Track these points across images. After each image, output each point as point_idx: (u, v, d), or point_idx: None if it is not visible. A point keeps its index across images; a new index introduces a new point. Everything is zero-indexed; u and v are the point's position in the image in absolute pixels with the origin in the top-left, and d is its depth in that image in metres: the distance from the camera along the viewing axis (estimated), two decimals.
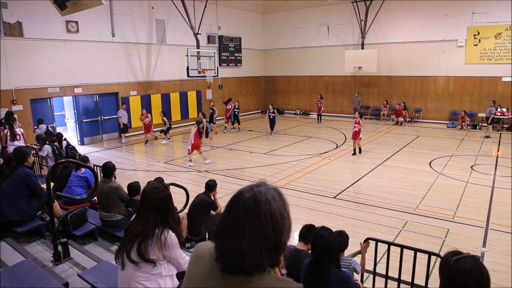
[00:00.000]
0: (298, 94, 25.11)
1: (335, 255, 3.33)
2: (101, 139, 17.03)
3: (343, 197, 9.03)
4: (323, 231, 3.35)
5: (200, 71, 18.05)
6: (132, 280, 2.79)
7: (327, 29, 22.96)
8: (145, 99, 18.46)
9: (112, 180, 6.01)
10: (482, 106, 18.72)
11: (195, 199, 6.32)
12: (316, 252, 3.33)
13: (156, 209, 2.83)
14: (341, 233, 4.15)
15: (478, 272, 1.84)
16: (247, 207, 1.29)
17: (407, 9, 20.11)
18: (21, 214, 5.16)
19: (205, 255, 1.42)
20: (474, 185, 9.76)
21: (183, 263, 2.94)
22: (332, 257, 3.30)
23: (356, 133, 12.95)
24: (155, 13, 18.46)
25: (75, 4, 6.49)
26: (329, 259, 3.27)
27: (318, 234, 3.33)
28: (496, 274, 5.41)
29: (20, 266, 3.89)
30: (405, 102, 20.67)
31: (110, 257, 4.67)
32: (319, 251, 3.30)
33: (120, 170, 11.07)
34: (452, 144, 14.93)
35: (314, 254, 3.37)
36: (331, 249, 3.28)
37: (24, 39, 13.71)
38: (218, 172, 11.39)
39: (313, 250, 3.39)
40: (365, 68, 20.65)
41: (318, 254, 3.31)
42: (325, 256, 3.26)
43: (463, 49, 18.88)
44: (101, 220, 5.87)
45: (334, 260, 3.32)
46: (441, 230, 7.05)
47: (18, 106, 13.71)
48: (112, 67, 16.84)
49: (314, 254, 3.36)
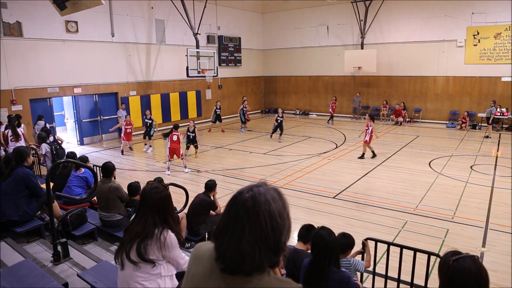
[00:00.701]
0: (298, 94, 25.12)
1: (334, 255, 3.33)
2: (101, 139, 17.03)
3: (342, 197, 9.03)
4: (322, 231, 3.35)
5: (199, 71, 18.06)
6: (131, 280, 2.78)
7: (326, 29, 22.97)
8: (145, 99, 18.45)
9: (111, 180, 6.01)
10: (481, 106, 18.74)
11: (195, 199, 6.32)
12: (316, 252, 3.33)
13: (155, 209, 2.82)
14: (344, 235, 4.07)
15: (477, 272, 1.84)
16: (247, 207, 1.29)
17: (406, 9, 20.12)
18: (21, 214, 5.16)
19: (205, 255, 1.42)
20: (474, 185, 9.77)
21: (183, 263, 2.94)
22: (332, 257, 3.29)
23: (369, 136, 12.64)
24: (155, 13, 18.45)
25: (74, 4, 6.48)
26: (329, 259, 3.27)
27: (318, 234, 3.32)
28: (495, 274, 5.42)
29: (19, 266, 3.88)
30: (405, 102, 20.69)
31: (110, 257, 4.66)
32: (319, 251, 3.29)
33: (119, 170, 11.07)
34: (451, 144, 14.94)
35: (313, 254, 3.37)
36: (331, 249, 3.27)
37: (24, 39, 13.70)
38: (218, 172, 11.39)
39: (313, 250, 3.38)
40: (365, 68, 20.66)
41: (317, 254, 3.31)
42: (325, 256, 3.26)
43: (463, 49, 18.89)
44: (101, 220, 5.87)
45: (333, 260, 3.32)
46: (441, 230, 7.05)
47: (18, 106, 13.70)
48: (111, 67, 16.84)
49: (314, 254, 3.36)
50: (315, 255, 3.34)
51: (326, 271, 3.25)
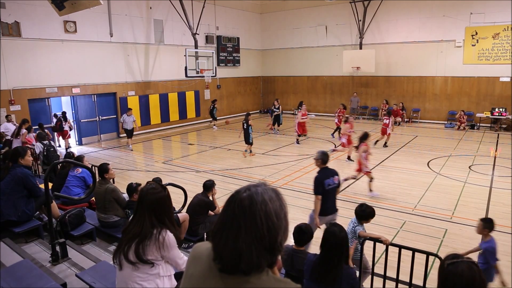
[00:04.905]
0: (296, 94, 25.12)
1: (344, 251, 3.35)
2: (99, 139, 17.01)
3: (341, 197, 9.01)
4: (334, 228, 3.39)
5: (198, 71, 18.06)
6: (130, 281, 2.78)
7: (325, 29, 22.98)
8: (143, 99, 18.44)
9: (109, 181, 6.00)
10: (480, 106, 18.79)
11: (193, 200, 6.32)
12: (326, 247, 3.34)
13: (151, 210, 2.81)
14: (361, 206, 4.89)
15: (469, 277, 1.85)
16: (243, 206, 1.29)
17: (405, 9, 20.14)
18: (19, 214, 5.16)
19: (203, 255, 1.42)
20: (472, 185, 9.79)
21: (181, 263, 2.94)
22: (342, 253, 3.31)
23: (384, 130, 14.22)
24: (153, 13, 18.44)
25: (73, 4, 6.47)
26: (339, 255, 3.28)
27: (329, 231, 3.37)
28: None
29: (18, 267, 3.88)
30: (403, 102, 20.71)
31: (108, 257, 4.66)
32: (329, 247, 3.31)
33: (118, 170, 11.06)
34: (450, 144, 14.96)
35: (323, 250, 3.38)
36: (341, 245, 3.30)
37: (22, 39, 13.68)
38: (216, 172, 11.39)
39: (323, 246, 3.40)
40: (363, 68, 20.68)
41: (327, 250, 3.32)
42: (335, 252, 3.29)
43: (461, 49, 18.92)
44: (99, 221, 5.86)
45: (344, 257, 3.33)
46: (439, 230, 7.06)
47: (16, 106, 13.68)
48: (110, 67, 16.82)
49: (324, 250, 3.37)
50: (325, 251, 3.35)
51: (337, 267, 3.26)
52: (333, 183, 5.67)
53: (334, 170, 5.81)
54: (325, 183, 5.59)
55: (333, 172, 5.76)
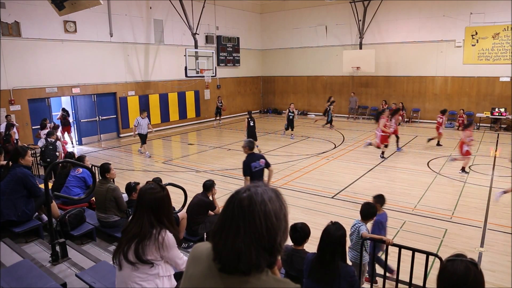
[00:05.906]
0: (296, 94, 25.12)
1: (339, 249, 3.38)
2: (99, 139, 17.01)
3: (341, 197, 9.04)
4: (331, 226, 3.42)
5: (198, 71, 18.05)
6: (129, 281, 2.78)
7: (325, 29, 22.98)
8: (143, 99, 18.44)
9: (110, 181, 6.00)
10: (480, 106, 18.79)
11: (193, 200, 6.31)
12: (321, 246, 3.38)
13: (150, 210, 2.81)
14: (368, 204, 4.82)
15: (461, 276, 1.85)
16: (242, 206, 1.29)
17: (405, 9, 20.14)
18: (19, 214, 5.15)
19: (203, 255, 1.42)
20: (472, 185, 9.79)
21: (181, 263, 2.94)
22: (336, 251, 3.33)
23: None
24: (153, 13, 18.44)
25: (73, 4, 6.47)
26: (332, 252, 3.31)
27: (325, 229, 3.41)
28: (494, 274, 5.43)
29: (18, 267, 3.88)
30: (403, 102, 20.71)
31: (108, 257, 4.66)
32: (324, 245, 3.34)
33: (118, 170, 11.06)
34: (450, 144, 14.95)
35: (318, 248, 3.42)
36: (335, 243, 3.33)
37: (22, 39, 13.68)
38: (216, 172, 11.39)
39: (319, 244, 3.45)
40: (363, 68, 20.68)
41: (322, 248, 3.36)
42: (329, 249, 3.31)
43: (461, 49, 18.91)
44: (98, 221, 5.86)
45: (339, 254, 3.36)
46: (439, 230, 7.06)
47: (16, 106, 13.68)
48: (110, 67, 16.82)
49: (319, 248, 3.40)
50: (320, 249, 3.39)
51: (333, 265, 3.29)
52: (259, 166, 6.68)
53: (260, 155, 7.08)
54: (251, 166, 6.57)
55: (259, 156, 6.88)
